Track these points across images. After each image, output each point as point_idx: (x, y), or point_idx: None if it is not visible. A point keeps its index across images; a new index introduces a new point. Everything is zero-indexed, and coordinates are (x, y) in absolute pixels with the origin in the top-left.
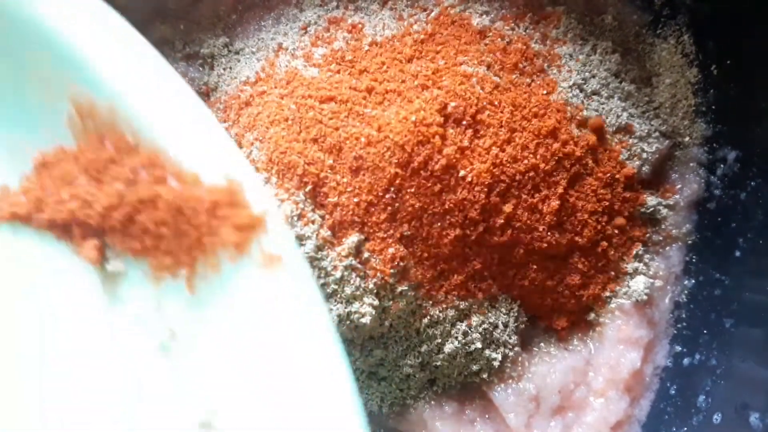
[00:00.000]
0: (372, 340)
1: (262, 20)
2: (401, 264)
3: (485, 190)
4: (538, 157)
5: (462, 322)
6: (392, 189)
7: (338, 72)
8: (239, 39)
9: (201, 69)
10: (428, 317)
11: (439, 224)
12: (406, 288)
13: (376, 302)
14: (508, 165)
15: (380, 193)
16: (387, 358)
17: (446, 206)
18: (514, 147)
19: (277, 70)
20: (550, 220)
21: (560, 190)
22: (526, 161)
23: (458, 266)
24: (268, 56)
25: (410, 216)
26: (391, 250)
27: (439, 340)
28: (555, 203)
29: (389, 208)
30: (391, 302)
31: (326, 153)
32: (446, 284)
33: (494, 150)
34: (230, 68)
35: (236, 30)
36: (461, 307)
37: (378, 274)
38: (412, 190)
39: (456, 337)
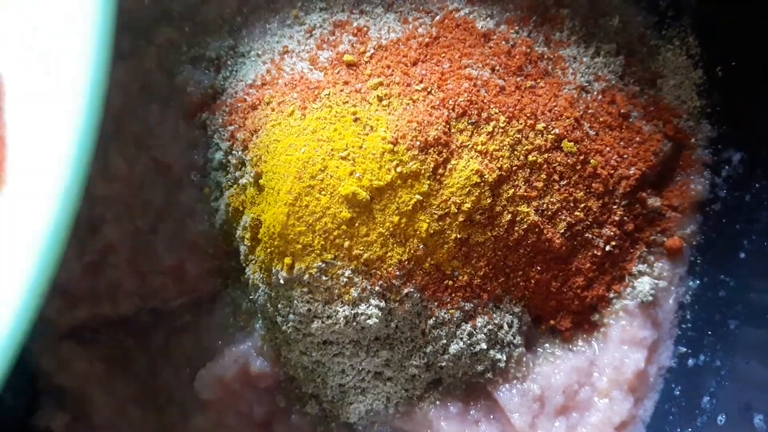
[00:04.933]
0: (378, 341)
1: (268, 23)
2: (407, 266)
3: (490, 192)
4: (543, 158)
5: (467, 323)
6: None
7: (344, 75)
8: (245, 42)
9: (207, 72)
10: (433, 318)
11: (444, 226)
12: (411, 290)
13: (382, 304)
14: (513, 167)
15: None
16: (393, 359)
17: (451, 208)
18: (519, 149)
19: (282, 73)
20: (555, 221)
21: (565, 191)
22: (531, 163)
23: (463, 268)
24: (274, 59)
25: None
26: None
27: (445, 341)
28: (560, 204)
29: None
30: (396, 304)
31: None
32: (451, 286)
33: (499, 152)
34: (236, 71)
35: (242, 32)
36: (466, 308)
37: (384, 275)
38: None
39: (461, 338)
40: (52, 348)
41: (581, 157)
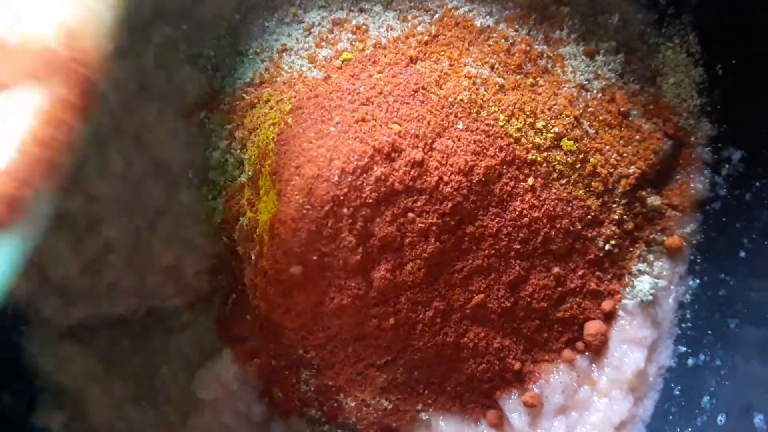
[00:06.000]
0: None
1: (266, 21)
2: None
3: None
4: (543, 157)
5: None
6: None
7: (342, 73)
8: (243, 40)
9: (205, 70)
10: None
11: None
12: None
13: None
14: (514, 165)
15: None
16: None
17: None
18: (519, 148)
19: (281, 71)
20: (554, 219)
21: (565, 189)
22: (530, 161)
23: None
24: (272, 57)
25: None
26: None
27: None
28: (559, 202)
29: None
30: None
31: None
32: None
33: (499, 151)
34: (234, 69)
35: (240, 31)
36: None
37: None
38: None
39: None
40: (51, 347)
41: (581, 156)
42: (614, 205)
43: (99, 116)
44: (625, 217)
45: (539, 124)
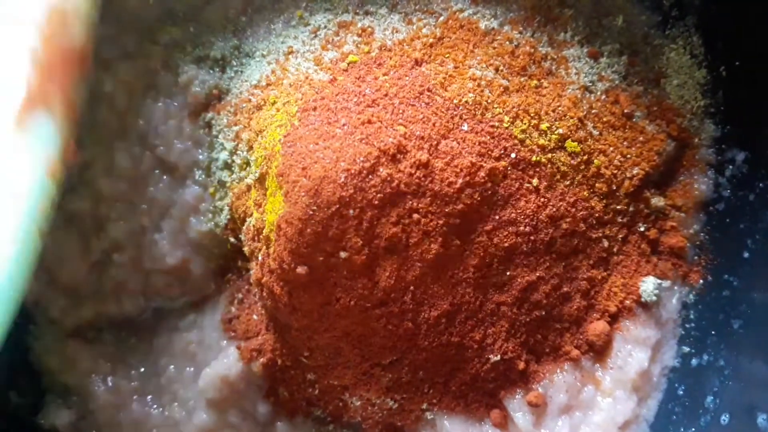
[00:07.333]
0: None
1: (272, 23)
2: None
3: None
4: (547, 158)
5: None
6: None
7: (348, 76)
8: (249, 42)
9: (212, 71)
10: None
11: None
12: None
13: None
14: (518, 166)
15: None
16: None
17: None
18: (524, 149)
19: (287, 73)
20: (558, 221)
21: (569, 191)
22: (534, 163)
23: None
24: (279, 59)
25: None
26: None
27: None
28: (564, 204)
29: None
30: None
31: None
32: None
33: (504, 152)
34: (241, 71)
35: (246, 33)
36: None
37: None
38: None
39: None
40: (57, 347)
41: (585, 157)
42: (618, 206)
43: (105, 116)
44: (628, 218)
45: (543, 126)
